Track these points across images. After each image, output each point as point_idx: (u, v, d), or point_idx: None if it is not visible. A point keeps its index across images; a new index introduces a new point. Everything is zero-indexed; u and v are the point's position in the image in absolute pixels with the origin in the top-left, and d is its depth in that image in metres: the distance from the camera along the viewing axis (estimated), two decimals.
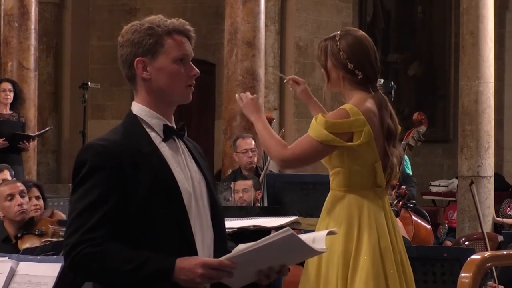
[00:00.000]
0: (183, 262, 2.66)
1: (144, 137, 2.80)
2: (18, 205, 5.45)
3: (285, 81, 4.42)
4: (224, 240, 2.92)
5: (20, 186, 5.55)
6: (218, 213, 2.91)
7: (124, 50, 2.84)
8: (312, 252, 2.76)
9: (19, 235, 5.46)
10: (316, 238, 2.76)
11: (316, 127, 3.73)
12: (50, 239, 5.31)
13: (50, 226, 5.49)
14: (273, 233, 2.64)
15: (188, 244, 2.76)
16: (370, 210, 3.76)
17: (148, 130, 2.82)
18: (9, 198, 5.46)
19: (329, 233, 2.81)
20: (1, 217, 5.58)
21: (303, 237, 2.74)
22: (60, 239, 5.30)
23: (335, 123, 3.70)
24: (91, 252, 2.66)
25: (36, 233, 5.40)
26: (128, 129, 2.82)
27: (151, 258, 2.67)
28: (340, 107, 3.79)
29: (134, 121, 2.84)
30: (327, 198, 3.86)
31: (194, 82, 2.87)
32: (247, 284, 2.77)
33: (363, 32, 3.94)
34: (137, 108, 2.86)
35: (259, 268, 2.72)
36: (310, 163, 3.87)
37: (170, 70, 2.81)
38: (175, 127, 2.88)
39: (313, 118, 3.81)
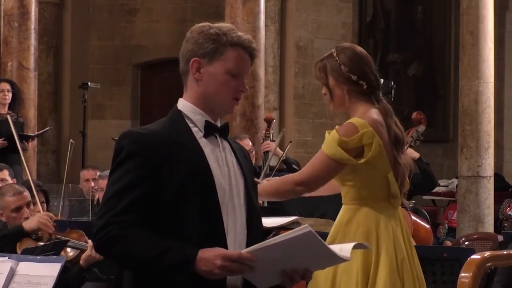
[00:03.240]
0: (205, 253, 2.69)
1: (185, 131, 2.86)
2: (25, 217, 5.42)
3: None
4: (258, 240, 2.90)
5: (28, 196, 5.50)
6: (255, 213, 2.94)
7: (187, 46, 2.91)
8: (334, 257, 2.76)
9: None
10: (343, 248, 2.78)
11: (331, 144, 3.73)
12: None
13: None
14: (292, 230, 2.65)
15: (218, 240, 2.77)
16: (386, 222, 3.75)
17: (190, 125, 2.88)
18: (16, 210, 5.42)
19: (357, 246, 2.83)
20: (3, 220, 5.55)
21: (332, 247, 2.74)
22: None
23: (348, 142, 3.70)
24: (116, 235, 2.71)
25: (33, 237, 5.37)
26: (171, 122, 2.89)
27: (174, 247, 2.70)
28: (347, 121, 3.79)
29: (177, 116, 2.90)
30: (341, 212, 3.84)
31: (241, 98, 2.93)
32: (272, 285, 2.78)
33: (356, 45, 3.99)
34: (182, 104, 2.92)
35: (282, 267, 2.73)
36: (326, 182, 3.85)
37: (220, 79, 2.87)
38: (219, 125, 2.93)
39: (326, 132, 3.83)
